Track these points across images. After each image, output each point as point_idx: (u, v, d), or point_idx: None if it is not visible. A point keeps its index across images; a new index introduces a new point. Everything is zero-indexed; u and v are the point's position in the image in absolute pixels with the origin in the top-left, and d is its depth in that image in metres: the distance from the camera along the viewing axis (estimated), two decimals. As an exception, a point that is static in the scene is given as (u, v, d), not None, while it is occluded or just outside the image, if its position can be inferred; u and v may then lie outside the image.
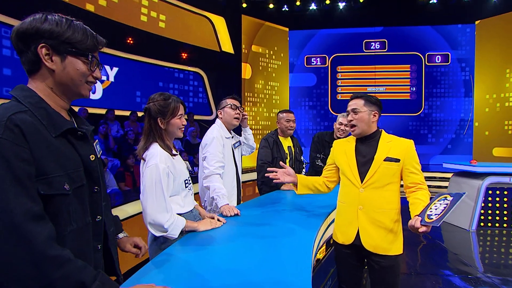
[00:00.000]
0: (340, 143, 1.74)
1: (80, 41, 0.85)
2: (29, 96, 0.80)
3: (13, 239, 0.67)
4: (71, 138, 0.85)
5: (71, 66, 0.85)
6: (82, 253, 0.84)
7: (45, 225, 0.72)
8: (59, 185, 0.77)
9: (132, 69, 6.34)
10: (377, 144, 1.59)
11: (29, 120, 0.76)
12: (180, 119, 1.52)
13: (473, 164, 4.17)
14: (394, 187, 1.55)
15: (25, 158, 0.72)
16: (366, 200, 1.55)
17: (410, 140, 1.58)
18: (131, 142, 5.20)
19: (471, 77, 8.49)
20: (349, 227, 1.58)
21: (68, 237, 0.80)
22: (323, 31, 8.93)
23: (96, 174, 0.91)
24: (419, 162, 1.56)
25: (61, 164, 0.80)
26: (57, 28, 0.82)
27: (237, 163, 2.24)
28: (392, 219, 1.52)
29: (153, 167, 1.37)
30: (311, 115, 9.16)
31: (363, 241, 1.53)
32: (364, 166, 1.58)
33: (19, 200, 0.69)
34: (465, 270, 3.03)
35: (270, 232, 1.47)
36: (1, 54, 4.48)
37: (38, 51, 0.80)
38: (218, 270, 1.07)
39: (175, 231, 1.37)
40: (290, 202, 2.18)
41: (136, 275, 1.03)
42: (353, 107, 1.61)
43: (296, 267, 1.09)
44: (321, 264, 1.95)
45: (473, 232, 4.09)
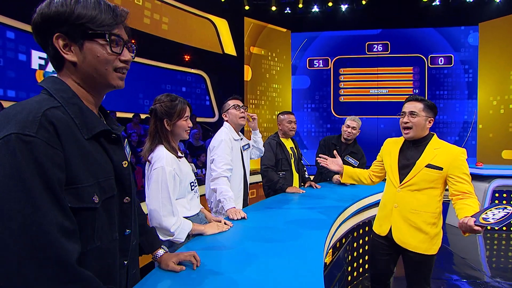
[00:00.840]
0: (389, 143, 1.83)
1: (92, 18, 0.69)
2: (62, 90, 0.69)
3: (40, 256, 0.56)
4: (104, 142, 0.73)
5: (90, 53, 0.71)
6: (104, 272, 0.72)
7: (75, 242, 0.62)
8: (88, 196, 0.66)
9: (135, 71, 6.34)
10: (423, 149, 1.63)
11: (63, 118, 0.65)
12: (186, 120, 1.50)
13: (479, 166, 4.13)
14: (433, 192, 1.60)
15: (58, 163, 0.61)
16: (402, 200, 1.65)
17: (462, 149, 1.59)
18: (134, 145, 5.19)
19: (475, 79, 8.45)
20: (385, 221, 1.73)
21: (88, 255, 0.68)
22: (325, 33, 8.92)
23: (128, 183, 0.79)
24: (468, 171, 1.56)
25: (92, 172, 0.68)
26: (62, 8, 0.67)
27: (245, 165, 2.23)
28: (426, 221, 1.60)
29: (159, 170, 1.35)
30: (313, 117, 9.13)
31: (394, 236, 1.67)
32: (405, 169, 1.66)
33: (50, 212, 0.58)
34: (473, 274, 2.98)
35: (277, 236, 1.44)
36: (5, 56, 4.49)
37: (54, 43, 0.69)
38: (225, 275, 1.04)
39: (182, 235, 1.34)
40: (297, 205, 2.15)
41: (143, 280, 1.00)
42: (411, 110, 1.64)
43: (307, 273, 1.06)
44: (328, 268, 1.91)
45: (480, 236, 4.03)
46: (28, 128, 0.58)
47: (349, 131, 2.93)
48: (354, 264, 2.74)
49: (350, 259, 2.67)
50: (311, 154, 3.20)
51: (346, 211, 2.04)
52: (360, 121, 2.99)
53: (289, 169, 2.70)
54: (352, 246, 2.68)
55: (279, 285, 0.96)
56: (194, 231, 1.41)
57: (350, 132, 2.92)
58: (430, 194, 1.59)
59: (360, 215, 2.52)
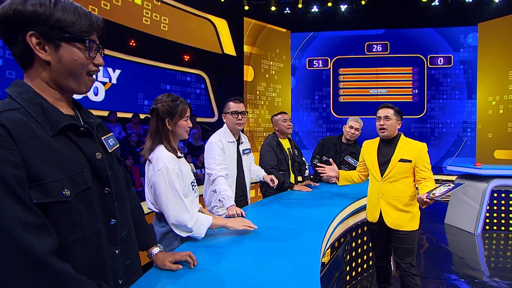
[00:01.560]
0: (367, 144, 2.21)
1: (72, 23, 0.71)
2: (23, 92, 0.71)
3: (5, 251, 0.58)
4: (72, 136, 0.75)
5: (67, 55, 0.73)
6: (92, 263, 0.74)
7: (46, 237, 0.63)
8: (55, 191, 0.67)
9: (135, 71, 6.35)
10: (395, 146, 2.04)
11: (19, 119, 0.66)
12: (186, 121, 1.51)
13: (478, 166, 4.13)
14: (407, 180, 2.01)
15: (13, 161, 0.62)
16: (385, 190, 2.04)
17: (423, 144, 2.01)
18: (133, 145, 5.20)
19: (474, 79, 8.46)
20: (374, 210, 2.10)
21: (71, 248, 0.70)
22: (325, 33, 8.93)
23: (105, 174, 0.80)
24: (429, 161, 1.98)
25: (60, 166, 0.69)
26: (41, 9, 0.68)
27: (244, 169, 2.24)
28: (406, 204, 1.99)
29: (163, 170, 1.35)
30: (313, 118, 9.14)
31: (386, 220, 2.04)
32: (384, 165, 2.05)
33: (9, 209, 0.59)
34: (471, 274, 2.99)
35: (275, 235, 1.46)
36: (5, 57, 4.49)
37: (27, 40, 0.69)
38: (222, 273, 1.05)
39: (201, 230, 1.34)
40: (295, 204, 2.16)
41: (143, 277, 1.01)
42: (385, 114, 2.04)
43: (304, 272, 1.07)
44: (326, 268, 1.92)
45: (478, 236, 4.04)
46: None
47: (352, 132, 2.93)
48: (353, 264, 2.75)
49: (349, 259, 2.68)
50: (310, 154, 3.21)
51: (344, 211, 2.05)
52: (362, 122, 3.00)
53: (287, 169, 2.72)
54: (351, 246, 2.68)
55: (275, 283, 0.97)
56: (215, 226, 1.39)
57: (353, 134, 2.94)
58: (405, 182, 2.01)
59: (358, 215, 2.52)
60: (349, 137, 2.95)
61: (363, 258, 2.88)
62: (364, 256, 2.90)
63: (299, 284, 0.97)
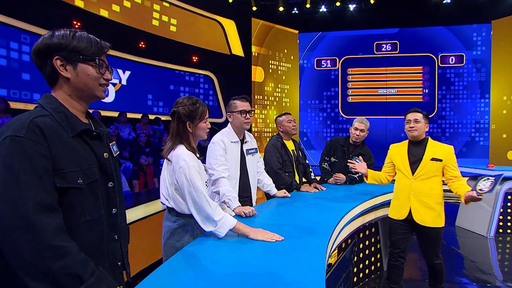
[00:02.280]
0: (395, 147, 2.38)
1: (85, 48, 0.93)
2: (51, 102, 0.91)
3: (22, 227, 0.74)
4: (87, 138, 0.94)
5: (82, 72, 0.94)
6: (96, 242, 0.92)
7: (55, 216, 0.79)
8: (72, 179, 0.85)
9: (144, 73, 6.45)
10: (425, 147, 2.21)
11: (49, 123, 0.85)
12: (206, 122, 1.58)
13: (491, 168, 4.04)
14: (437, 179, 2.17)
15: (43, 154, 0.80)
16: (416, 188, 2.17)
17: (450, 146, 2.19)
18: (142, 145, 5.28)
19: (488, 78, 8.25)
20: (403, 207, 2.21)
21: (82, 227, 0.88)
22: (333, 33, 8.87)
23: (110, 171, 0.98)
24: (456, 161, 2.17)
25: (76, 161, 0.87)
26: (63, 40, 0.91)
27: (248, 169, 2.22)
28: (435, 201, 2.15)
29: (184, 167, 1.42)
30: (321, 118, 9.09)
31: (415, 217, 2.16)
32: (415, 164, 2.20)
33: (34, 191, 0.76)
34: (483, 278, 2.92)
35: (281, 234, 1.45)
36: (21, 60, 4.63)
37: (53, 63, 0.90)
38: (232, 270, 1.07)
39: (222, 229, 1.37)
40: (303, 204, 2.15)
41: (151, 275, 1.03)
42: (415, 118, 2.22)
43: (309, 270, 1.07)
44: (334, 268, 1.92)
45: (491, 239, 3.94)
46: (19, 131, 0.80)
47: (357, 133, 2.89)
48: (360, 265, 2.72)
49: (356, 260, 2.66)
50: (318, 155, 3.19)
51: (350, 212, 2.04)
52: (368, 122, 2.95)
53: (292, 170, 2.70)
54: (358, 247, 2.66)
55: (280, 282, 0.98)
56: (239, 231, 1.39)
57: (359, 135, 2.89)
58: (435, 180, 2.16)
59: (366, 216, 2.50)
60: (355, 139, 2.91)
61: (370, 259, 2.86)
62: (372, 258, 2.88)
63: (304, 283, 0.97)
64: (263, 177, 2.38)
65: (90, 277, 0.79)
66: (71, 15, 4.90)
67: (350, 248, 2.28)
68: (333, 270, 1.91)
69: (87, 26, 4.91)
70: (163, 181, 1.58)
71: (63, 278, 0.75)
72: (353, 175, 2.91)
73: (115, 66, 5.78)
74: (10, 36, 4.48)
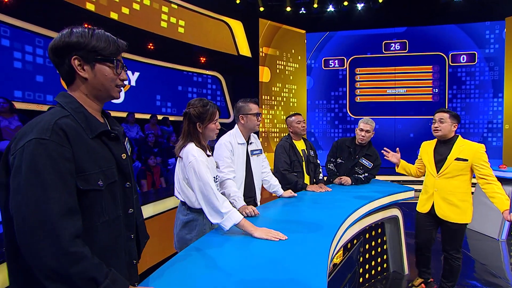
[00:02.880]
0: (425, 145, 2.48)
1: (104, 48, 0.92)
2: (70, 102, 0.91)
3: (44, 231, 0.75)
4: (105, 139, 0.94)
5: (100, 72, 0.93)
6: (114, 241, 0.93)
7: (75, 221, 0.79)
8: (94, 181, 0.86)
9: (153, 74, 6.55)
10: (452, 147, 2.26)
11: (71, 124, 0.86)
12: (215, 123, 1.68)
13: (503, 169, 3.95)
14: (463, 178, 2.22)
15: (68, 157, 0.81)
16: (440, 185, 2.28)
17: (481, 144, 2.20)
18: (151, 145, 5.36)
19: (501, 76, 8.05)
20: (427, 202, 2.36)
21: (100, 227, 0.89)
22: (341, 32, 8.81)
23: (127, 171, 0.99)
24: (487, 159, 2.17)
25: (97, 162, 0.88)
26: (82, 39, 0.90)
27: (253, 170, 2.25)
28: (460, 199, 2.21)
29: (193, 162, 1.51)
30: (329, 118, 9.04)
31: (437, 211, 2.29)
32: (440, 163, 2.30)
33: (58, 194, 0.77)
34: (494, 281, 2.87)
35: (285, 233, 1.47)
36: (35, 62, 4.78)
37: (71, 62, 0.89)
38: (239, 265, 1.10)
39: (228, 222, 1.42)
40: (308, 203, 2.17)
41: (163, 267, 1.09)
42: (440, 117, 2.28)
43: (312, 265, 1.11)
44: (339, 268, 1.92)
45: (503, 242, 3.86)
46: (44, 133, 0.80)
47: (362, 134, 2.87)
48: (366, 266, 2.71)
49: (362, 261, 2.65)
50: (326, 155, 3.18)
51: (356, 212, 2.03)
52: (373, 123, 2.92)
53: (300, 170, 2.71)
54: (364, 248, 2.65)
55: (286, 277, 1.00)
56: (243, 227, 1.42)
57: (364, 136, 2.87)
58: (460, 179, 2.21)
59: (372, 217, 2.49)
60: (361, 141, 2.89)
61: (377, 260, 2.84)
62: (378, 259, 2.86)
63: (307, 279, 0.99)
64: (269, 178, 2.40)
65: (105, 279, 0.81)
66: (82, 18, 5.02)
67: (356, 248, 2.27)
68: (338, 270, 1.91)
69: (98, 29, 4.99)
70: (176, 177, 1.70)
71: (80, 281, 0.78)
72: (358, 176, 2.90)
73: (124, 68, 5.89)
74: (24, 39, 4.63)
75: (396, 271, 2.97)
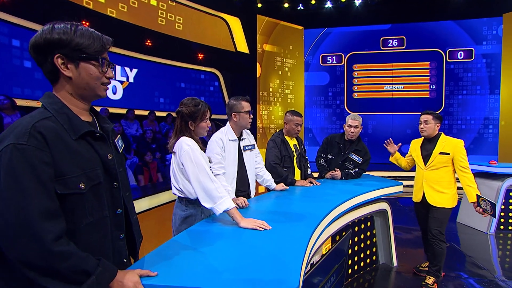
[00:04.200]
0: (414, 142, 2.81)
1: (88, 46, 0.89)
2: (54, 103, 0.89)
3: (27, 235, 0.76)
4: (90, 140, 0.92)
5: (85, 71, 0.90)
6: (100, 242, 0.92)
7: (57, 223, 0.80)
8: (73, 185, 0.84)
9: (151, 70, 6.60)
10: (436, 143, 2.60)
11: (51, 126, 0.84)
12: (206, 122, 1.75)
13: (493, 164, 4.02)
14: (447, 169, 2.57)
15: (46, 161, 0.80)
16: (428, 176, 2.62)
17: (459, 140, 2.54)
18: (149, 141, 5.44)
19: (498, 73, 8.08)
20: (419, 192, 2.69)
21: (84, 229, 0.88)
22: (338, 29, 8.83)
23: (114, 171, 0.97)
24: (465, 153, 2.53)
25: (79, 164, 0.86)
26: (64, 36, 0.86)
27: (246, 164, 2.32)
28: (445, 187, 2.57)
29: (188, 150, 1.57)
30: (326, 114, 9.10)
31: (428, 199, 2.60)
32: (427, 157, 2.64)
33: (37, 199, 0.77)
34: (480, 273, 2.96)
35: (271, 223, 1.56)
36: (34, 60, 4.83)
37: (54, 61, 0.87)
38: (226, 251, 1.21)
39: (221, 206, 1.48)
40: (297, 196, 2.25)
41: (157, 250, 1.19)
42: (425, 119, 2.62)
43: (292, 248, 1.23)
44: (325, 258, 2.01)
45: (491, 235, 3.95)
46: (21, 138, 0.78)
47: (351, 131, 2.94)
48: (356, 258, 2.80)
49: (352, 253, 2.74)
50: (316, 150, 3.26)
51: (344, 204, 2.11)
52: (360, 118, 2.99)
53: (291, 165, 2.79)
54: (353, 240, 2.74)
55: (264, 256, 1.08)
56: (233, 215, 1.49)
57: (353, 132, 2.94)
58: (444, 170, 2.57)
59: (361, 210, 2.58)
60: (350, 137, 2.96)
61: (366, 252, 2.93)
62: (368, 251, 2.95)
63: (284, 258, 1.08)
64: (263, 173, 2.49)
65: (96, 268, 0.83)
66: (80, 15, 5.07)
67: (344, 240, 2.35)
68: (324, 259, 1.99)
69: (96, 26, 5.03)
70: (172, 173, 1.75)
71: (72, 275, 0.80)
72: (349, 171, 2.98)
73: (122, 64, 5.94)
74: (22, 36, 4.68)
75: (385, 263, 3.07)
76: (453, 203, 2.59)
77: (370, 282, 2.75)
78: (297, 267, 1.06)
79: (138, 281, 0.92)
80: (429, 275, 2.62)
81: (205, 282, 0.95)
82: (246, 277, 0.99)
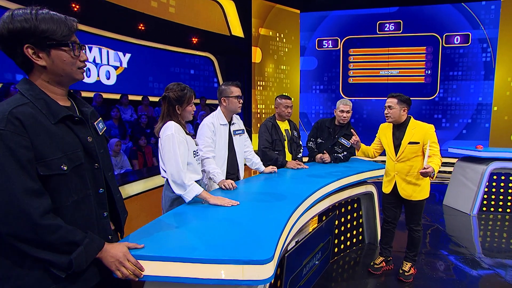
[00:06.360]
0: (383, 128, 2.58)
1: (54, 31, 0.88)
2: (31, 89, 0.90)
3: (15, 212, 0.82)
4: (69, 123, 0.95)
5: (58, 59, 0.91)
6: (84, 219, 0.97)
7: (42, 200, 0.85)
8: (55, 166, 0.88)
9: (144, 55, 6.53)
10: (405, 130, 2.39)
11: (29, 112, 0.86)
12: (192, 106, 1.83)
13: (479, 149, 4.13)
14: (418, 158, 2.37)
15: (25, 145, 0.83)
16: (399, 169, 2.43)
17: (430, 125, 2.33)
18: (143, 126, 5.47)
19: (493, 58, 8.08)
20: (390, 183, 2.51)
21: (70, 207, 0.93)
22: (335, 12, 8.70)
23: (95, 153, 1.00)
24: (436, 140, 2.28)
25: (60, 147, 0.89)
26: (27, 24, 0.84)
27: (235, 148, 2.40)
28: (417, 178, 2.37)
29: (169, 136, 1.65)
30: (322, 99, 9.12)
31: (400, 192, 2.45)
32: (398, 147, 2.43)
33: (20, 180, 0.82)
34: (459, 251, 3.12)
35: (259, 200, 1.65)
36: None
37: (25, 52, 0.86)
38: (208, 228, 1.30)
39: (191, 193, 1.62)
40: (286, 179, 2.34)
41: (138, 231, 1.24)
42: (389, 104, 2.39)
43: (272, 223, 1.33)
44: (310, 235, 2.12)
45: (473, 216, 4.12)
46: None
47: (343, 115, 3.00)
48: (342, 237, 2.94)
49: (338, 232, 2.87)
50: (310, 135, 3.33)
51: (328, 186, 2.20)
52: (351, 103, 3.05)
53: (282, 149, 2.87)
54: (340, 221, 2.87)
55: (245, 229, 1.18)
56: (202, 197, 1.64)
57: (345, 117, 3.01)
58: (416, 160, 2.37)
59: (348, 191, 2.68)
60: (342, 121, 3.03)
61: (352, 232, 3.07)
62: (354, 231, 3.09)
63: (264, 231, 1.17)
64: (251, 156, 2.56)
65: (84, 239, 0.90)
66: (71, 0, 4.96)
67: (330, 219, 2.47)
68: (309, 237, 2.10)
69: (87, 10, 4.97)
70: (160, 157, 1.82)
71: (62, 245, 0.87)
72: (338, 154, 3.07)
73: (115, 49, 5.88)
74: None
75: (370, 243, 3.22)
76: (427, 194, 2.42)
77: (356, 260, 2.89)
78: (273, 240, 1.15)
79: (126, 251, 1.01)
80: (407, 261, 2.55)
81: (185, 252, 1.04)
82: (223, 249, 1.08)
